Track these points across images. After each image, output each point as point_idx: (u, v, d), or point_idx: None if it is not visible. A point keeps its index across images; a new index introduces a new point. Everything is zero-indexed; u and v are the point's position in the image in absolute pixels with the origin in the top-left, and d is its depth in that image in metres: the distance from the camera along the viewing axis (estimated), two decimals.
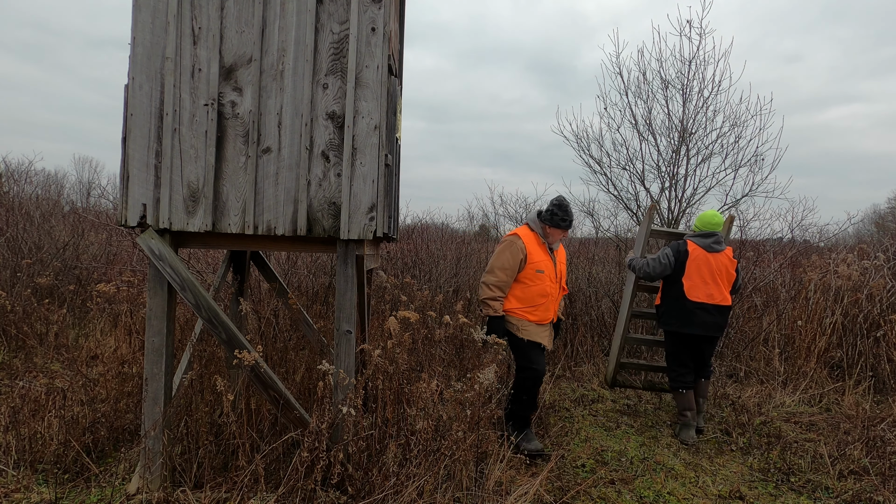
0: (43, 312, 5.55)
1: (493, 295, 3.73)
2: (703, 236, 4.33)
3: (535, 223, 3.93)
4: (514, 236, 3.83)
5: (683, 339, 4.31)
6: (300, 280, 7.14)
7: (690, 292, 4.22)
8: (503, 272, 3.73)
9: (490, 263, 3.81)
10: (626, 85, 7.22)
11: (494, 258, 3.79)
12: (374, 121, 2.83)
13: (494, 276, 3.73)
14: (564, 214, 3.85)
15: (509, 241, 3.81)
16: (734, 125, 6.83)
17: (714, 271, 4.24)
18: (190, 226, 2.83)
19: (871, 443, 3.84)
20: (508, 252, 3.75)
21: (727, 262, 4.30)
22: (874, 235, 13.73)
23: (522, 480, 3.19)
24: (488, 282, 3.75)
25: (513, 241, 3.78)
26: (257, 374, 2.85)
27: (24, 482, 2.87)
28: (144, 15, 2.77)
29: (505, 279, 3.72)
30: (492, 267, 3.77)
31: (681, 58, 6.93)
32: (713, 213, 4.43)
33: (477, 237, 12.06)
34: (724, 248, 4.32)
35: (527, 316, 3.78)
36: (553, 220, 3.85)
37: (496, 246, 4.04)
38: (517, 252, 3.74)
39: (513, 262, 3.73)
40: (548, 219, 3.86)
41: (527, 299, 3.78)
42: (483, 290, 3.75)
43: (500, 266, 3.74)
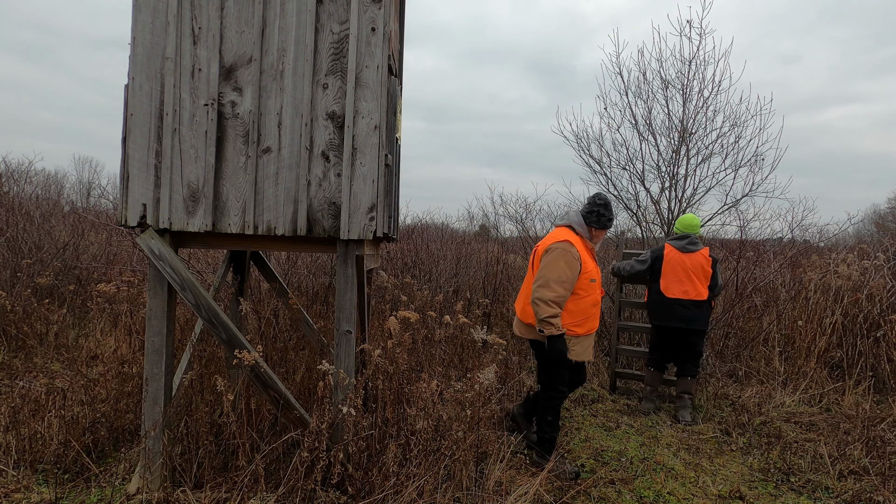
0: (43, 312, 5.55)
1: (556, 312, 3.31)
2: (678, 238, 4.78)
3: (581, 226, 3.57)
4: (567, 243, 3.40)
5: (666, 332, 4.78)
6: (300, 280, 7.14)
7: (667, 290, 4.67)
8: (561, 286, 3.31)
9: (542, 276, 3.35)
10: (626, 85, 7.23)
11: (547, 270, 3.34)
12: (374, 121, 2.83)
13: (552, 290, 3.30)
14: (611, 215, 3.60)
15: (562, 249, 3.37)
16: (734, 125, 6.83)
17: (689, 270, 4.62)
18: (190, 226, 2.83)
19: (871, 443, 3.84)
20: (563, 262, 3.33)
21: (702, 260, 4.63)
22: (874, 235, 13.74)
23: (522, 480, 3.19)
24: (546, 298, 3.30)
25: (567, 250, 3.36)
26: (257, 374, 2.85)
27: (24, 482, 2.87)
28: (144, 15, 2.77)
29: (564, 293, 3.33)
30: (546, 280, 3.32)
31: (681, 58, 6.94)
32: (691, 216, 4.85)
33: (477, 237, 12.06)
34: (699, 248, 4.67)
35: (576, 330, 3.45)
36: (600, 221, 3.57)
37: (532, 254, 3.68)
38: (574, 262, 3.35)
39: (571, 274, 3.34)
40: (594, 221, 3.56)
41: (578, 312, 3.45)
42: (542, 308, 3.30)
43: (556, 279, 3.30)
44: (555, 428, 3.57)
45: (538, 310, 3.32)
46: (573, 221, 3.59)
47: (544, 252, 3.44)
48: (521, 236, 9.17)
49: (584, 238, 3.56)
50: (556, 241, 3.43)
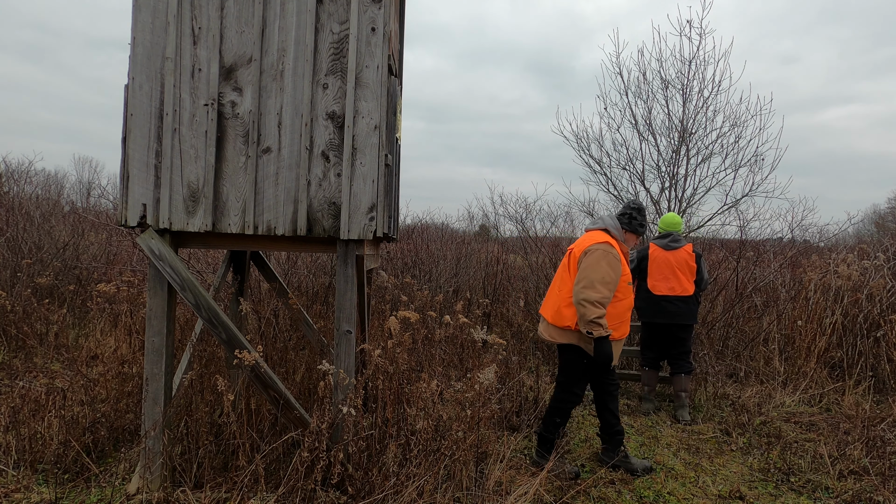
0: (43, 312, 5.55)
1: (602, 312, 3.24)
2: (662, 237, 4.88)
3: (617, 230, 3.54)
4: (608, 245, 3.37)
5: (655, 328, 4.86)
6: (300, 280, 7.14)
7: (654, 288, 4.77)
8: (605, 287, 3.26)
9: (586, 277, 3.28)
10: (626, 85, 7.23)
11: (590, 271, 3.28)
12: (374, 121, 2.83)
13: (597, 291, 3.23)
14: (643, 220, 3.62)
15: (604, 250, 3.33)
16: (734, 125, 6.84)
17: (674, 266, 4.72)
18: (190, 226, 2.83)
19: (871, 443, 3.84)
20: (606, 263, 3.28)
21: (686, 256, 4.73)
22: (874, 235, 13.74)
23: (522, 480, 3.19)
24: (592, 299, 3.22)
25: (608, 251, 3.33)
26: (257, 374, 2.85)
27: (24, 482, 2.87)
28: (144, 15, 2.77)
29: (608, 295, 3.27)
30: (590, 281, 3.25)
31: (681, 58, 6.94)
32: (672, 215, 4.96)
33: (477, 237, 12.06)
34: (682, 244, 4.78)
35: (612, 334, 3.37)
36: (632, 224, 3.58)
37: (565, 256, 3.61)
38: (616, 263, 3.32)
39: (614, 276, 3.29)
40: (626, 223, 3.58)
41: (616, 315, 3.41)
42: (588, 309, 3.22)
43: (601, 280, 3.25)
44: (558, 431, 3.54)
45: (585, 311, 3.24)
46: (609, 225, 3.55)
47: (583, 253, 3.38)
48: (521, 236, 9.16)
49: (620, 241, 3.52)
50: (597, 243, 3.37)
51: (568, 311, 3.42)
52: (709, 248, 8.29)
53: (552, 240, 9.30)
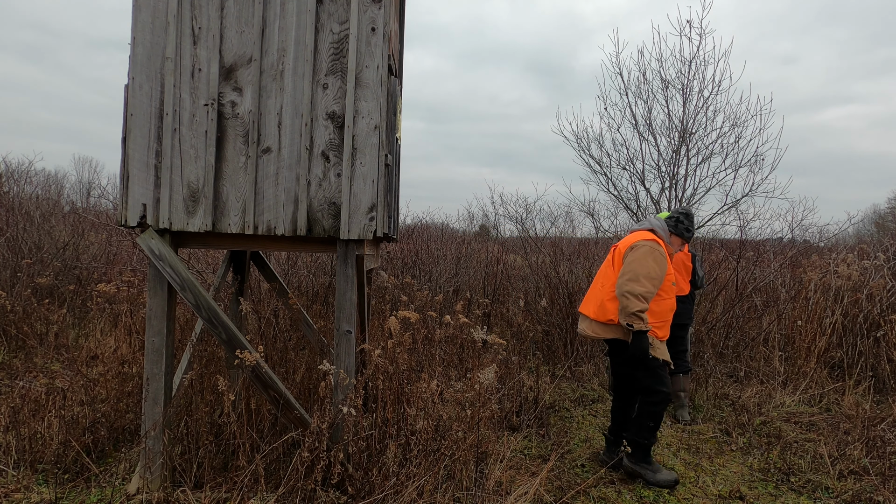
0: (43, 312, 5.55)
1: (644, 307, 3.23)
2: None
3: (664, 230, 3.57)
4: (655, 242, 3.38)
5: None
6: (300, 280, 7.14)
7: None
8: (650, 282, 3.25)
9: (631, 270, 3.28)
10: (626, 85, 7.23)
11: (637, 265, 3.28)
12: (374, 121, 2.83)
13: (642, 285, 3.22)
14: (690, 224, 3.65)
15: (650, 246, 3.33)
16: (734, 125, 6.84)
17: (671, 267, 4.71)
18: (190, 226, 2.83)
19: (871, 443, 3.84)
20: (651, 259, 3.28)
21: (682, 256, 4.75)
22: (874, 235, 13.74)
23: (522, 480, 3.19)
24: (635, 292, 3.21)
25: (655, 248, 3.33)
26: (257, 374, 2.85)
27: (24, 482, 2.87)
28: (144, 15, 2.77)
29: (652, 290, 3.26)
30: (636, 275, 3.25)
31: (681, 58, 6.94)
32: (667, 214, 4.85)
33: (477, 237, 12.06)
34: None
35: (657, 332, 3.38)
36: (678, 228, 3.62)
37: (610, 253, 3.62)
38: (662, 260, 3.32)
39: (660, 271, 3.29)
40: (673, 226, 3.63)
41: (660, 314, 3.41)
42: (631, 301, 3.21)
43: (646, 274, 3.24)
44: (653, 436, 3.42)
45: (627, 303, 3.22)
46: (655, 225, 3.57)
47: (629, 248, 3.39)
48: (521, 236, 9.17)
49: (666, 243, 3.52)
50: (643, 239, 3.39)
51: (612, 305, 3.41)
52: (709, 248, 8.30)
53: (552, 240, 9.30)
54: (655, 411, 3.39)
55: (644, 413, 3.41)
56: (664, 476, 3.35)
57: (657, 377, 3.38)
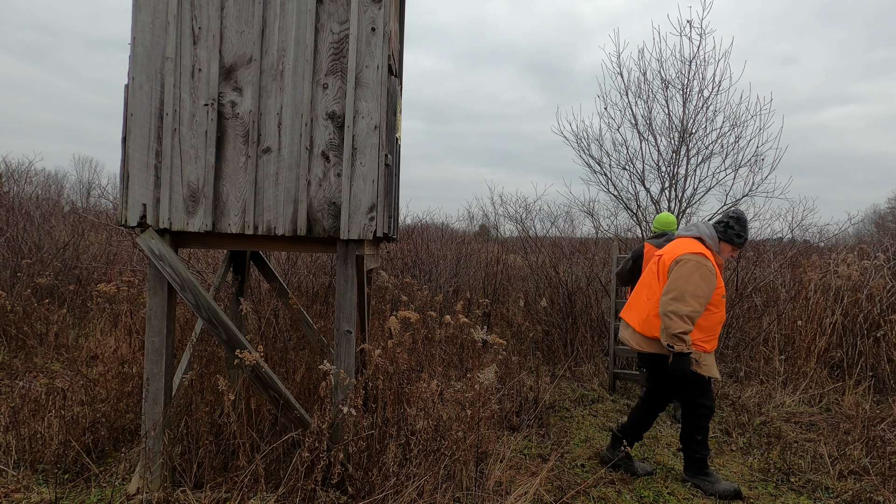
0: (43, 312, 5.55)
1: (689, 328, 3.09)
2: (657, 237, 4.84)
3: (712, 239, 3.35)
4: (702, 256, 3.18)
5: None
6: (300, 280, 7.15)
7: None
8: (697, 300, 3.09)
9: (676, 288, 3.13)
10: (626, 85, 7.24)
11: (682, 282, 3.12)
12: (374, 121, 2.83)
13: (688, 305, 3.08)
14: (741, 230, 3.36)
15: (697, 261, 3.15)
16: (734, 125, 6.85)
17: None
18: (190, 226, 2.83)
19: (871, 443, 3.84)
20: (698, 275, 3.12)
21: None
22: (874, 235, 13.74)
23: (522, 480, 3.19)
24: (680, 312, 3.08)
25: (702, 263, 3.15)
26: (258, 374, 2.85)
27: (24, 482, 2.87)
28: (144, 15, 2.77)
29: (699, 309, 3.11)
30: (681, 293, 3.10)
31: (681, 58, 6.95)
32: (666, 214, 5.01)
33: (477, 237, 12.06)
34: None
35: (704, 346, 3.26)
36: (727, 234, 3.36)
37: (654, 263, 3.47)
38: (710, 276, 3.14)
39: (707, 290, 3.13)
40: (721, 232, 3.37)
41: (708, 328, 3.27)
42: (675, 322, 3.08)
43: (693, 293, 3.09)
44: (705, 447, 3.36)
45: (671, 324, 3.10)
46: (704, 233, 3.36)
47: (674, 262, 3.24)
48: (521, 236, 9.17)
49: (714, 252, 3.33)
50: (690, 252, 3.20)
51: (658, 321, 3.29)
52: None
53: (552, 240, 9.30)
54: (701, 425, 3.34)
55: (691, 427, 3.36)
56: (723, 486, 3.27)
57: (702, 391, 3.31)
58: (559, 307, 6.66)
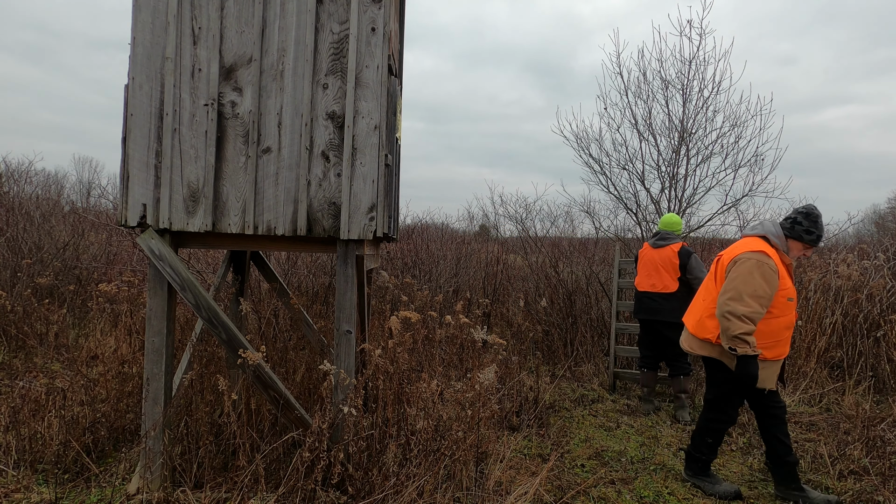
0: (43, 312, 5.55)
1: (750, 328, 2.95)
2: (653, 236, 5.03)
3: (779, 238, 3.16)
4: (763, 255, 3.02)
5: (643, 326, 5.00)
6: (300, 280, 7.14)
7: (639, 284, 4.99)
8: (757, 301, 2.95)
9: (734, 288, 3.00)
10: (626, 85, 7.23)
11: (741, 282, 2.98)
12: (374, 121, 2.83)
13: (746, 305, 2.95)
14: (811, 225, 3.12)
15: (758, 260, 2.99)
16: (734, 125, 6.84)
17: (657, 263, 4.85)
18: (190, 226, 2.83)
19: (871, 443, 3.84)
20: (759, 275, 2.97)
21: (670, 254, 4.81)
22: (874, 235, 13.73)
23: (522, 480, 3.19)
24: (738, 312, 2.95)
25: (763, 262, 2.99)
26: (258, 374, 2.85)
27: (24, 482, 2.87)
28: (144, 15, 2.77)
29: (760, 310, 2.96)
30: (739, 293, 2.97)
31: (681, 58, 6.94)
32: (671, 215, 5.08)
33: (477, 237, 12.07)
34: (669, 243, 4.85)
35: (764, 353, 3.06)
36: (794, 230, 3.14)
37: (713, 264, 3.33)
38: (771, 276, 2.98)
39: (768, 290, 2.97)
40: (788, 229, 3.17)
41: (769, 333, 3.07)
42: (733, 323, 2.96)
43: (752, 293, 2.95)
44: (712, 452, 3.29)
45: (729, 325, 2.97)
46: (769, 231, 3.19)
47: (732, 262, 3.10)
48: (521, 236, 9.17)
49: (781, 251, 3.14)
50: (750, 251, 3.06)
51: (710, 323, 3.20)
52: (709, 248, 8.29)
53: (552, 240, 9.30)
54: (718, 429, 3.26)
55: (705, 429, 3.28)
56: (723, 488, 3.24)
57: (730, 399, 3.22)
58: (559, 307, 6.66)
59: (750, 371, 2.98)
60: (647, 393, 4.93)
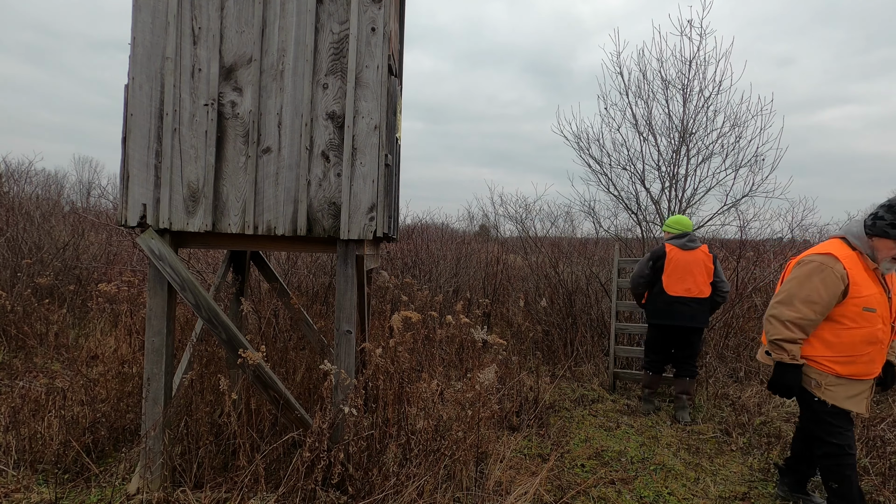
0: (43, 312, 5.55)
1: (793, 336, 2.71)
2: (678, 237, 4.79)
3: (859, 238, 2.78)
4: (828, 257, 2.72)
5: (665, 331, 4.74)
6: (300, 280, 7.15)
7: (669, 288, 4.65)
8: (809, 307, 2.69)
9: (787, 290, 2.76)
10: (626, 85, 7.23)
11: (795, 284, 2.74)
12: (374, 121, 2.83)
13: (795, 310, 2.71)
14: (895, 217, 2.71)
15: (820, 263, 2.71)
16: (735, 125, 6.83)
17: (691, 267, 4.63)
18: (190, 226, 2.83)
19: (871, 443, 3.84)
20: (818, 279, 2.68)
21: (703, 257, 4.66)
22: None
23: (522, 480, 3.19)
24: (783, 317, 2.73)
25: (825, 264, 2.69)
26: (258, 374, 2.85)
27: (24, 482, 2.87)
28: (144, 15, 2.77)
29: (812, 317, 2.69)
30: (789, 297, 2.74)
31: (681, 58, 6.94)
32: (681, 216, 4.95)
33: (477, 237, 12.07)
34: (698, 245, 4.71)
35: (834, 368, 2.74)
36: (876, 227, 2.73)
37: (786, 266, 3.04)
38: (834, 280, 2.67)
39: (826, 295, 2.67)
40: (870, 226, 2.76)
41: (841, 347, 2.74)
42: (776, 327, 2.74)
43: (804, 298, 2.69)
44: (847, 498, 2.78)
45: (770, 328, 2.77)
46: (849, 232, 2.83)
47: (797, 264, 2.85)
48: (521, 236, 9.17)
49: (863, 254, 2.77)
50: (816, 253, 2.77)
51: None
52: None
53: (552, 240, 9.30)
54: (830, 466, 2.78)
55: (825, 471, 2.82)
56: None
57: (825, 426, 2.77)
58: (559, 307, 6.66)
59: (785, 381, 2.75)
60: (649, 394, 4.88)
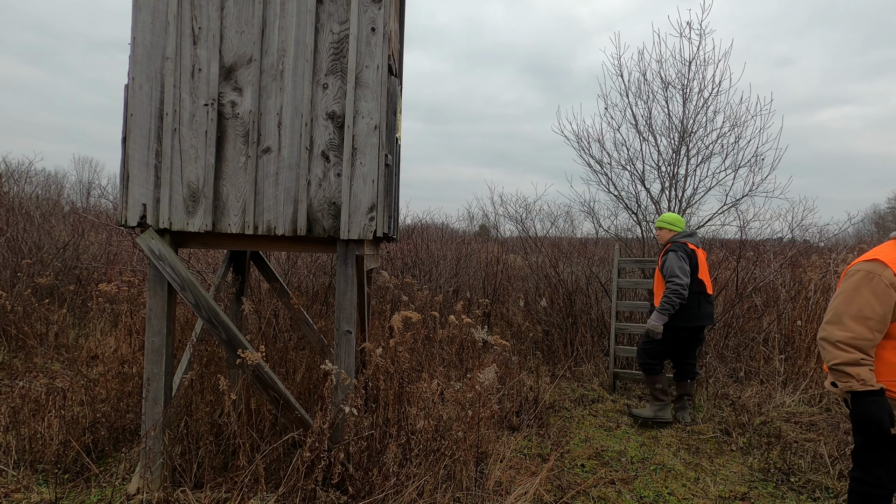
0: (43, 312, 5.55)
1: (852, 357, 2.25)
2: (689, 235, 4.72)
3: None
4: (876, 263, 2.29)
5: (691, 332, 4.57)
6: (300, 280, 7.14)
7: (709, 287, 4.59)
8: (861, 323, 2.24)
9: (834, 308, 2.34)
10: (626, 86, 7.23)
11: (842, 300, 2.32)
12: (374, 121, 2.83)
13: (845, 329, 2.27)
14: None
15: (867, 272, 2.28)
16: (734, 125, 6.83)
17: (705, 265, 4.68)
18: (190, 226, 2.83)
19: None
20: (868, 291, 2.25)
21: (705, 254, 4.77)
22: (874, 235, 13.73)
23: (522, 480, 3.19)
24: (833, 338, 2.29)
25: (872, 272, 2.27)
26: (258, 374, 2.85)
27: (24, 482, 2.87)
28: (144, 15, 2.77)
29: (866, 335, 2.24)
30: (838, 315, 2.30)
31: (681, 59, 6.94)
32: (675, 214, 4.86)
33: (477, 237, 12.07)
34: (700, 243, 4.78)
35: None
36: None
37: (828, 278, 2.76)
38: (885, 292, 2.24)
39: (880, 309, 2.24)
40: None
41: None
42: (829, 351, 2.30)
43: (855, 314, 2.25)
44: None
45: (824, 354, 2.34)
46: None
47: (845, 276, 2.42)
48: (521, 236, 9.16)
49: None
50: (863, 261, 2.35)
51: None
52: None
53: (552, 240, 9.30)
54: (862, 492, 2.39)
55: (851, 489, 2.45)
56: None
57: (875, 453, 2.35)
58: (559, 307, 6.66)
59: (869, 413, 2.23)
60: (663, 394, 4.51)
